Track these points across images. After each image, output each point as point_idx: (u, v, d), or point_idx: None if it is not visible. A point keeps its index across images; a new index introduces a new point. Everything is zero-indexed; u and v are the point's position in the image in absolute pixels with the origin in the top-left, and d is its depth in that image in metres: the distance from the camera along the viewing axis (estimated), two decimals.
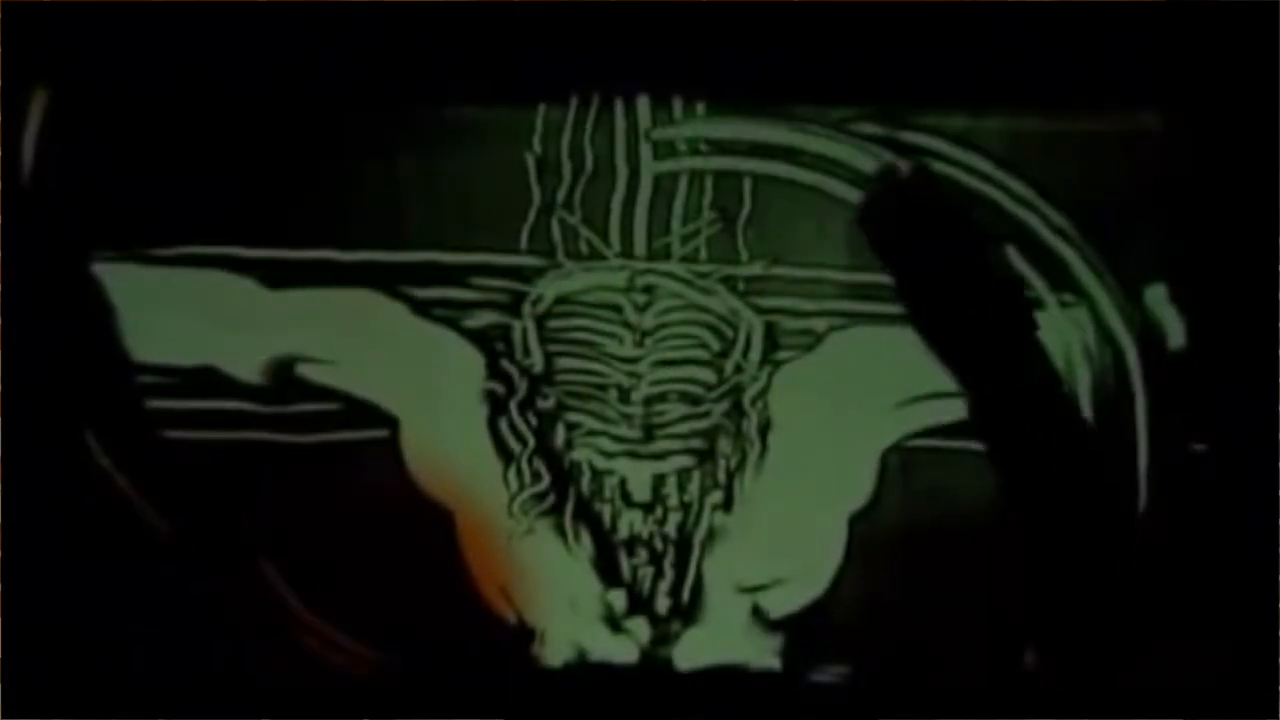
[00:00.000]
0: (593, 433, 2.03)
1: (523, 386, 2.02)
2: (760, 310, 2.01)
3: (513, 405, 2.02)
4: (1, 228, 1.92)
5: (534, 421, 2.03)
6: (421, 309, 2.02)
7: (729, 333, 2.02)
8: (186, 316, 2.01)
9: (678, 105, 2.00)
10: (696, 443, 2.03)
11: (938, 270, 1.44)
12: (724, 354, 2.02)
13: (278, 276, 2.01)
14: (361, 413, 2.04)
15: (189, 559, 2.03)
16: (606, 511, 2.04)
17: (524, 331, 2.02)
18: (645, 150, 2.00)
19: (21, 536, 1.92)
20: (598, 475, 2.04)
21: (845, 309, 2.02)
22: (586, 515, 2.05)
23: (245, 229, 2.01)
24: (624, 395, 2.02)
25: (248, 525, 2.03)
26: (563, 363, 2.02)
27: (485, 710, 2.02)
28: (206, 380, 2.02)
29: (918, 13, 1.91)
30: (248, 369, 2.03)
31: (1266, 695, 1.88)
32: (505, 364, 2.02)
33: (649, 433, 2.02)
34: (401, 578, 2.03)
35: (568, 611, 2.06)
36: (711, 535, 2.04)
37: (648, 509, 2.03)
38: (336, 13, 1.93)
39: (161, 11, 1.92)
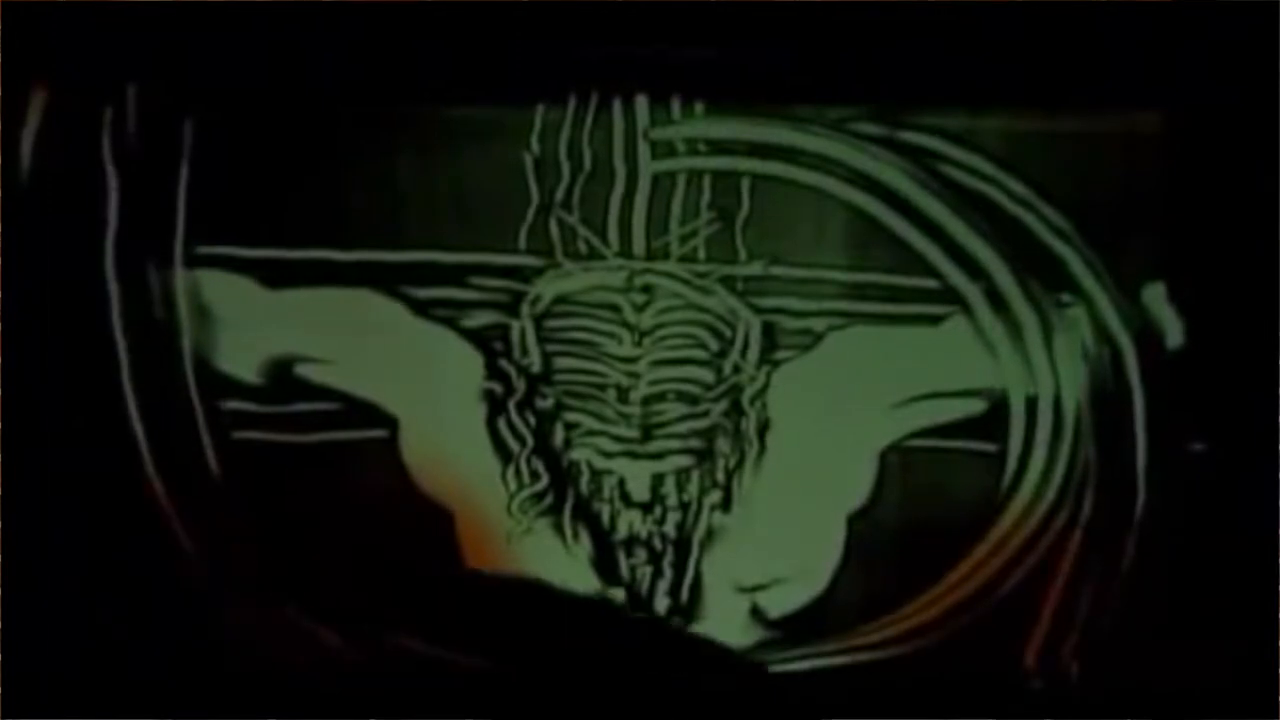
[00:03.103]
0: (591, 432, 2.03)
1: (521, 386, 2.02)
2: (759, 310, 2.01)
3: (511, 405, 2.02)
4: (1, 228, 1.93)
5: (533, 421, 2.03)
6: (420, 309, 2.02)
7: (728, 332, 2.01)
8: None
9: (676, 105, 2.00)
10: (695, 442, 2.03)
11: None
12: (722, 354, 2.01)
13: (277, 276, 2.01)
14: (361, 413, 2.03)
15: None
16: (605, 511, 2.04)
17: (523, 331, 2.01)
18: (644, 150, 1.99)
19: (22, 537, 1.92)
20: (596, 475, 2.04)
21: (844, 309, 2.01)
22: (585, 515, 2.05)
23: (245, 229, 2.01)
24: (623, 395, 2.01)
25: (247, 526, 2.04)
26: (561, 362, 2.02)
27: (486, 710, 2.02)
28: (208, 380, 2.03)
29: (917, 13, 1.91)
30: (247, 369, 2.03)
31: (1266, 695, 1.88)
32: (504, 364, 2.02)
33: (648, 432, 2.02)
34: (402, 578, 2.03)
35: None
36: (710, 535, 2.04)
37: (646, 509, 2.03)
38: (337, 12, 1.93)
39: (161, 12, 1.92)
